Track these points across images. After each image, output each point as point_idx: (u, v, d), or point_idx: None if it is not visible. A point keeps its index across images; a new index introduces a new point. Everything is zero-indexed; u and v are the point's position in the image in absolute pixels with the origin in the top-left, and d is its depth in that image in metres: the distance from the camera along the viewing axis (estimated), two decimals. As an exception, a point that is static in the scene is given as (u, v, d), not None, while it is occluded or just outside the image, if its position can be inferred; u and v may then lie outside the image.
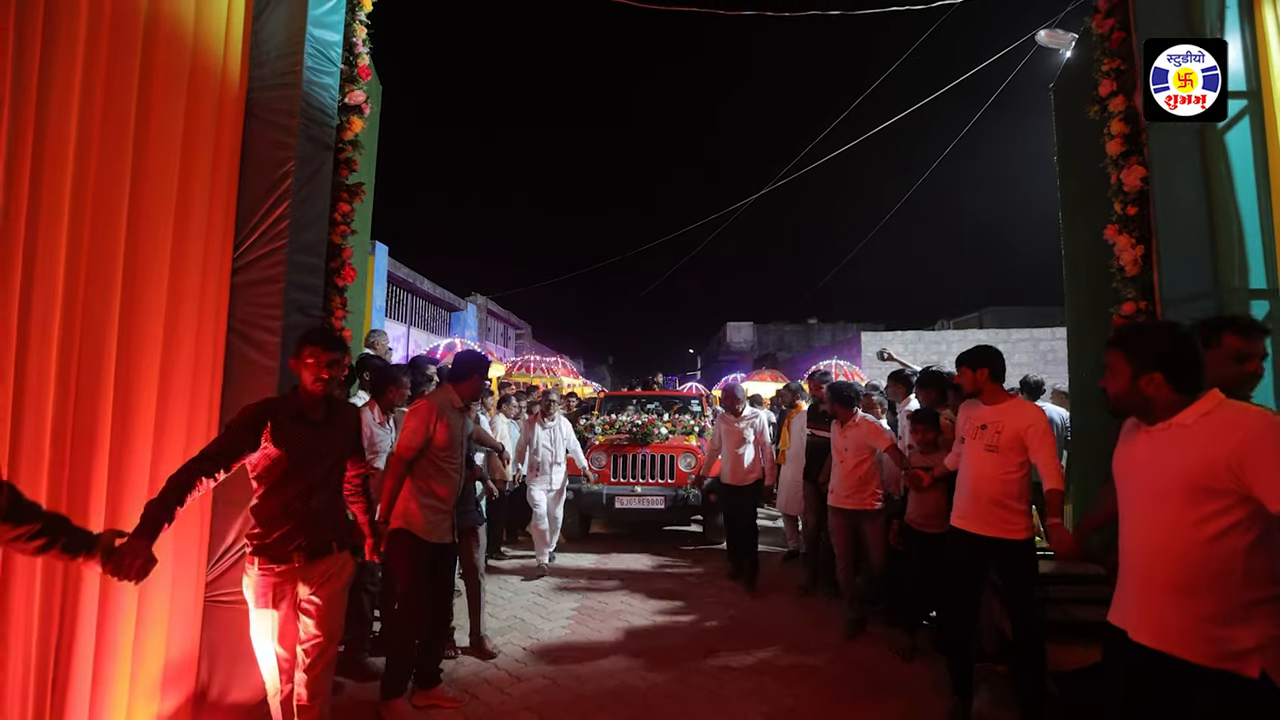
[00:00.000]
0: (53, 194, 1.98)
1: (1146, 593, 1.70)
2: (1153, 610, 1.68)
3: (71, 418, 2.06)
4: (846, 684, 3.32)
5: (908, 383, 5.04)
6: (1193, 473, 1.60)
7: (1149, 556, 1.70)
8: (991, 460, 2.85)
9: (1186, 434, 1.63)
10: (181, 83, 2.45)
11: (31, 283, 1.92)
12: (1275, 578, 1.56)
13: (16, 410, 1.88)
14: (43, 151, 1.95)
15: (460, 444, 3.10)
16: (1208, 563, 1.59)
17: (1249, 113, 2.67)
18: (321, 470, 2.24)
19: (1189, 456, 1.61)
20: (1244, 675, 1.52)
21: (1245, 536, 1.54)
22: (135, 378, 2.28)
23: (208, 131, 2.57)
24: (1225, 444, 1.55)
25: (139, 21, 2.27)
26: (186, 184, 2.47)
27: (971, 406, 3.08)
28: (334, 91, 3.11)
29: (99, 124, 2.13)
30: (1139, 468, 1.74)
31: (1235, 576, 1.56)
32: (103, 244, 2.15)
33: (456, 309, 19.99)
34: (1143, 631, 1.69)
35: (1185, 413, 1.64)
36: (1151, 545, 1.69)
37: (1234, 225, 2.65)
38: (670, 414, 7.72)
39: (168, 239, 2.39)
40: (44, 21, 1.94)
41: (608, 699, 3.11)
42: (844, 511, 4.11)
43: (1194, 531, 1.60)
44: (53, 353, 1.97)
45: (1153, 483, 1.69)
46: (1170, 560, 1.64)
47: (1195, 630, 1.59)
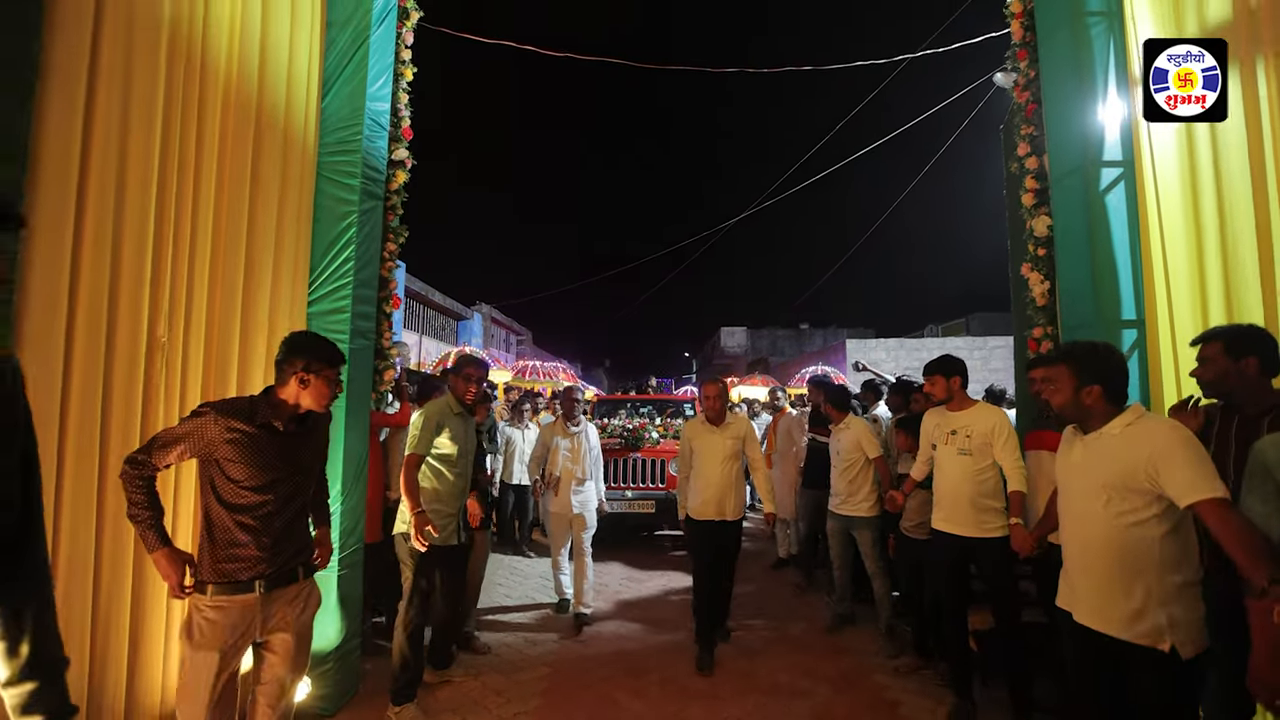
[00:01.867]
0: (200, 243, 2.62)
1: (1082, 579, 1.95)
2: (1088, 595, 1.93)
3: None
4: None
5: (877, 390, 5.67)
6: (1116, 475, 1.83)
7: (1081, 547, 1.95)
8: (965, 463, 3.02)
9: (1113, 442, 1.87)
10: (278, 153, 3.09)
11: (190, 309, 2.55)
12: (1185, 566, 1.80)
13: (168, 407, 2.51)
14: (196, 211, 2.59)
15: (462, 448, 3.19)
16: (1127, 551, 1.82)
17: (1124, 178, 3.32)
18: (288, 485, 1.99)
19: (1114, 461, 1.85)
20: (1158, 649, 1.77)
21: (1159, 528, 1.79)
22: (249, 387, 2.91)
23: (293, 191, 3.21)
24: (1143, 451, 1.78)
25: (250, 111, 2.92)
26: (280, 233, 3.11)
27: (939, 414, 3.23)
28: (384, 151, 3.74)
29: (228, 191, 2.78)
30: (1074, 470, 1.99)
31: (1152, 564, 1.79)
32: (231, 280, 2.80)
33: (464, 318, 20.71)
34: (1082, 614, 1.94)
35: (1113, 423, 1.89)
36: (1083, 537, 1.94)
37: (1112, 268, 3.30)
38: (662, 418, 7.85)
39: (268, 276, 3.03)
40: (198, 118, 2.58)
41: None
42: (838, 516, 4.13)
43: (1117, 523, 1.84)
44: (199, 367, 2.61)
45: (1085, 483, 1.93)
46: (1098, 549, 1.89)
47: (1121, 612, 1.83)
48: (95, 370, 2.11)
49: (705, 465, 3.81)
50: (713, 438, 3.83)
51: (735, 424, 3.86)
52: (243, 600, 1.87)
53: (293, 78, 3.21)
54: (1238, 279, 2.75)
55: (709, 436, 3.84)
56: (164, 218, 2.41)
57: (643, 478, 6.44)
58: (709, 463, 3.79)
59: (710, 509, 3.77)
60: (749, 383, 14.28)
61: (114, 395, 2.18)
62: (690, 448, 3.91)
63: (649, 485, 6.41)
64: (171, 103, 2.44)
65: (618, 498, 6.21)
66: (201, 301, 2.63)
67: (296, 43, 3.24)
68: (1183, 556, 1.80)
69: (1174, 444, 1.74)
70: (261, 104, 2.98)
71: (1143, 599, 1.79)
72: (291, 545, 2.02)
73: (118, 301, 2.20)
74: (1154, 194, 3.16)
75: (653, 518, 6.32)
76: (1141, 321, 3.23)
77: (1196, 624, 1.79)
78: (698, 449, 3.86)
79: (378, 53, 3.62)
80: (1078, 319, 3.44)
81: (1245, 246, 2.71)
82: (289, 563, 2.00)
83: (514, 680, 3.49)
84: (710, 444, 3.82)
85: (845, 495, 4.06)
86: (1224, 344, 2.10)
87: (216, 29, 2.70)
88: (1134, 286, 3.27)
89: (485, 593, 4.43)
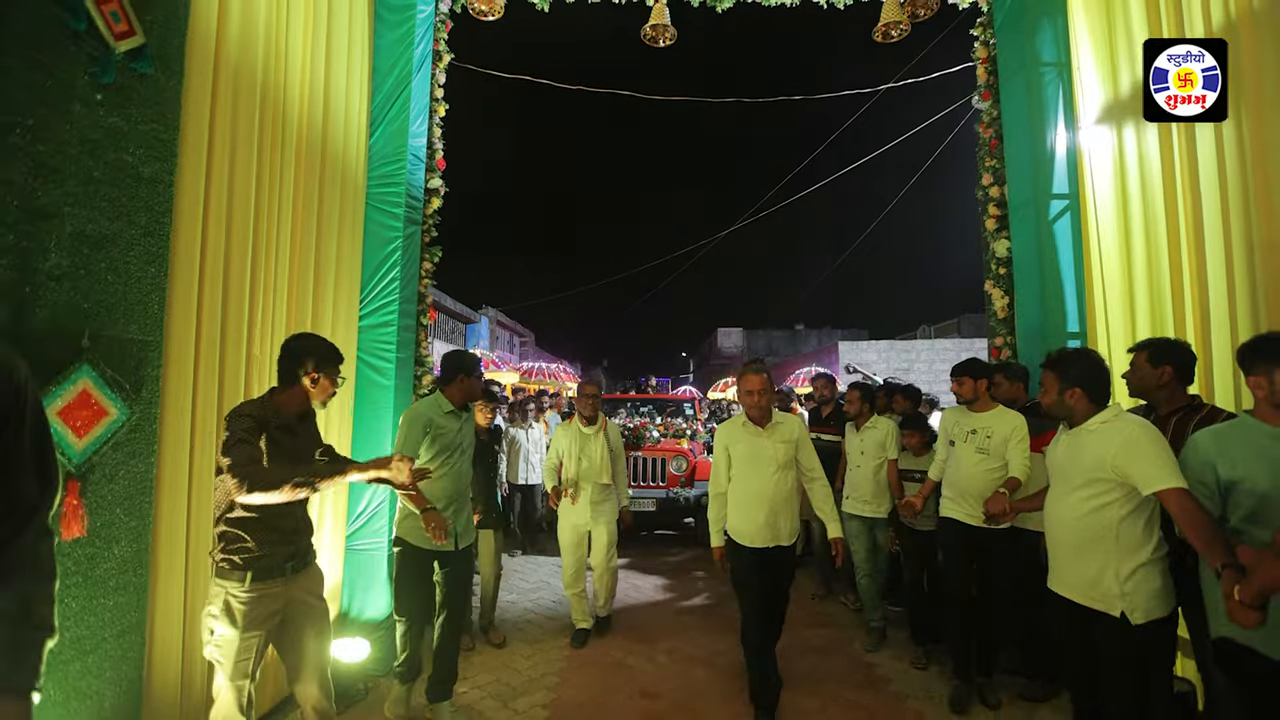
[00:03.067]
0: (281, 269, 3.08)
1: (1056, 554, 2.24)
2: (1059, 567, 2.23)
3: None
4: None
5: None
6: (1090, 465, 2.09)
7: (1056, 525, 2.24)
8: (981, 461, 3.16)
9: (1092, 437, 2.12)
10: (337, 188, 3.57)
11: (274, 327, 3.02)
12: (1142, 546, 2.04)
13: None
14: (279, 244, 3.05)
15: (455, 449, 3.07)
16: (1090, 530, 2.10)
17: (1070, 209, 3.82)
18: None
19: (1090, 453, 2.10)
20: (1110, 614, 2.05)
21: (1119, 512, 2.05)
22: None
23: (348, 221, 3.69)
24: (1113, 444, 2.03)
25: (317, 154, 3.39)
26: (339, 258, 3.59)
27: (960, 412, 3.35)
28: (421, 180, 4.22)
29: (300, 223, 3.25)
30: (1060, 461, 2.27)
31: (1110, 542, 2.06)
32: (303, 301, 3.27)
33: (472, 321, 21.24)
34: (1055, 583, 2.24)
35: (1093, 420, 2.14)
36: (1057, 517, 2.24)
37: (1059, 287, 3.80)
38: (663, 418, 8.01)
39: (330, 296, 3.50)
40: (280, 165, 3.05)
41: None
42: (863, 518, 4.03)
43: (1083, 506, 2.11)
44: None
45: (1065, 471, 2.21)
46: (1067, 527, 2.17)
47: (1081, 581, 2.12)
48: (212, 384, 2.58)
49: (752, 478, 3.04)
50: (759, 442, 3.06)
51: (785, 425, 3.11)
52: (276, 583, 2.09)
53: (347, 121, 3.69)
54: (1159, 297, 3.25)
55: (754, 441, 3.07)
56: (257, 250, 2.88)
57: (644, 476, 6.50)
58: (757, 474, 3.03)
59: (761, 533, 3.00)
60: None
61: (224, 405, 2.64)
62: (729, 455, 3.14)
63: (650, 484, 6.48)
64: (262, 154, 2.90)
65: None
66: (282, 320, 3.10)
67: (350, 90, 3.71)
68: (1139, 537, 2.05)
69: (1142, 439, 1.99)
70: (326, 148, 3.46)
71: (1099, 570, 2.08)
72: (308, 531, 2.28)
73: (227, 324, 2.67)
74: (1095, 224, 3.67)
75: (654, 516, 6.34)
76: (1083, 332, 3.73)
77: (1149, 595, 2.02)
78: (740, 457, 3.09)
79: (417, 95, 4.09)
80: (1030, 330, 3.95)
81: (1165, 270, 3.21)
82: (309, 547, 2.27)
83: (539, 648, 3.98)
84: (757, 450, 3.05)
85: (871, 496, 4.00)
86: (1148, 354, 2.54)
87: (294, 88, 3.17)
88: (1077, 302, 3.77)
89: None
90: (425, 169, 4.29)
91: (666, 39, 3.72)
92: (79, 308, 1.92)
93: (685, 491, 6.35)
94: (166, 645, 2.30)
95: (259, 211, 2.87)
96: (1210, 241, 2.88)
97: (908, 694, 3.38)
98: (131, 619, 2.11)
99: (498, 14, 3.78)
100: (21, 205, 1.75)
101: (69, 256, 1.89)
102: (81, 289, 1.93)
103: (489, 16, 3.77)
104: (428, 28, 4.22)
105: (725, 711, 3.19)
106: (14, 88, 1.73)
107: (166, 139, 2.25)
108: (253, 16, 2.79)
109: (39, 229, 1.80)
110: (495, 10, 3.74)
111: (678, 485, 6.38)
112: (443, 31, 4.43)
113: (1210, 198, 2.88)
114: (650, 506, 6.28)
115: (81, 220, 1.93)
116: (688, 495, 6.32)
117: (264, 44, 2.88)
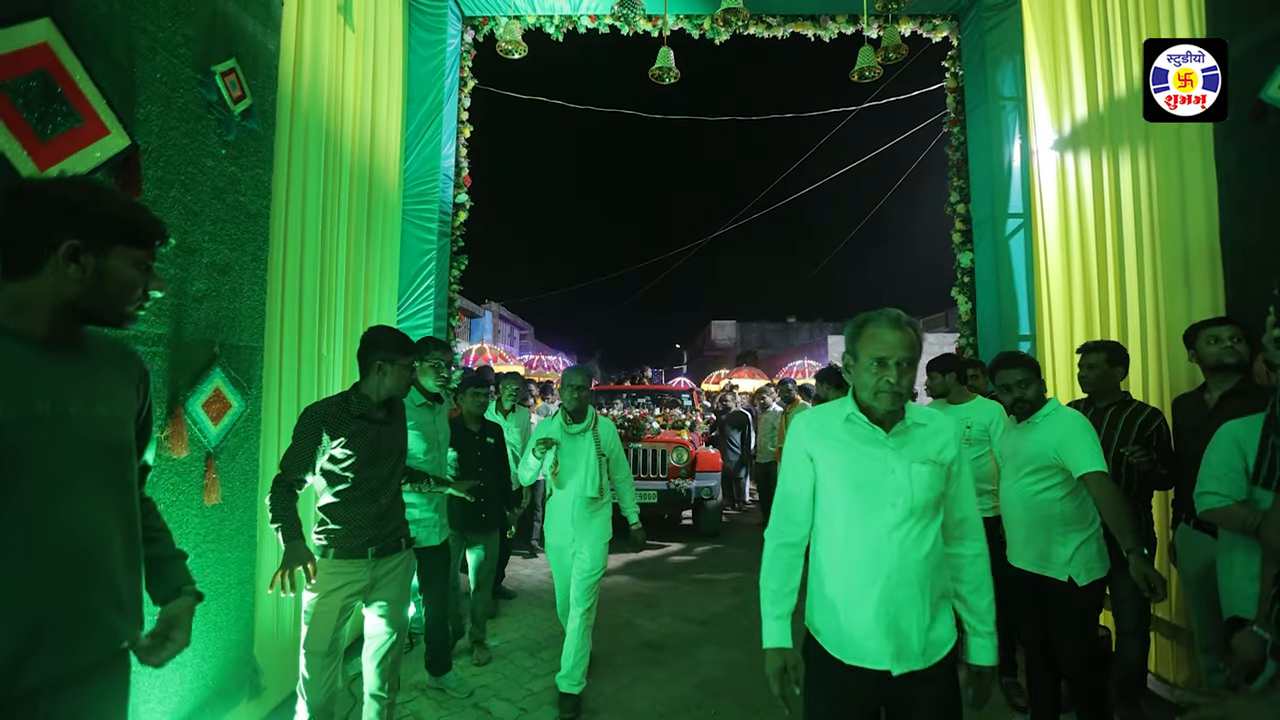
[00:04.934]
0: (340, 279, 3.58)
1: (1013, 532, 2.53)
2: (1014, 543, 2.53)
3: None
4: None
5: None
6: (1035, 454, 2.39)
7: (1010, 507, 2.54)
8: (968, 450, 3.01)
9: (1035, 428, 2.43)
10: (381, 208, 4.06)
11: (331, 327, 3.51)
12: (1080, 522, 2.36)
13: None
14: (337, 257, 3.55)
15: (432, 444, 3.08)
16: (1037, 510, 2.41)
17: (1023, 227, 4.36)
18: (386, 467, 2.30)
19: (1033, 443, 2.41)
20: (1059, 580, 2.36)
21: (1059, 493, 2.36)
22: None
23: (390, 236, 4.19)
24: (1054, 435, 2.34)
25: (366, 178, 3.88)
26: (382, 268, 4.09)
27: (939, 407, 3.48)
28: (450, 197, 4.71)
29: (353, 239, 3.75)
30: (1010, 450, 2.56)
31: (1054, 519, 2.37)
32: (355, 305, 3.77)
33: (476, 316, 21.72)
34: (1017, 559, 2.53)
35: (1037, 414, 2.45)
36: (1012, 500, 2.52)
37: (1013, 295, 4.35)
38: (661, 409, 8.10)
39: (376, 301, 4.01)
40: (338, 192, 3.55)
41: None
42: None
43: (1029, 489, 2.42)
44: (341, 373, 3.58)
45: (1015, 460, 2.50)
46: (1019, 508, 2.48)
47: (1032, 553, 2.44)
48: (293, 379, 3.08)
49: (861, 524, 1.60)
50: (882, 457, 1.62)
51: (936, 427, 1.68)
52: (356, 564, 2.23)
53: (388, 147, 4.18)
54: (1091, 304, 3.79)
55: (874, 455, 1.63)
56: (321, 265, 3.38)
57: (644, 469, 6.44)
58: (869, 519, 1.60)
59: (879, 640, 1.55)
60: (738, 375, 14.91)
61: (301, 397, 3.15)
62: (815, 472, 1.69)
63: (650, 476, 6.44)
64: (324, 184, 3.39)
65: None
66: (340, 324, 3.60)
67: (390, 120, 4.20)
68: (1078, 515, 2.36)
69: (1076, 429, 2.31)
70: (373, 173, 3.95)
71: (1047, 544, 2.39)
72: (393, 519, 2.35)
73: (302, 329, 3.17)
74: (1043, 241, 4.20)
75: (655, 509, 6.28)
76: (1034, 336, 4.28)
77: (1088, 561, 2.34)
78: (844, 480, 1.64)
79: (447, 120, 4.58)
80: (989, 331, 4.50)
81: (1095, 280, 3.75)
82: (393, 535, 2.33)
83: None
84: (876, 473, 1.61)
85: None
86: (1106, 355, 2.92)
87: (348, 123, 3.65)
88: (1029, 308, 4.32)
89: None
90: (453, 185, 4.78)
91: (671, 77, 4.21)
92: (212, 322, 2.42)
93: (686, 483, 6.35)
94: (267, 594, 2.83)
95: (322, 233, 3.37)
96: (1128, 255, 3.42)
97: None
98: (246, 571, 2.63)
99: (522, 52, 4.27)
100: (178, 244, 2.24)
101: (206, 282, 2.39)
102: (214, 307, 2.43)
103: (514, 54, 4.24)
104: (455, 59, 4.70)
105: (720, 658, 3.74)
106: (173, 151, 2.22)
107: (266, 180, 2.75)
108: (320, 69, 3.28)
109: (187, 261, 2.30)
110: (520, 49, 4.22)
111: (678, 477, 6.36)
112: (468, 60, 4.91)
113: (1128, 219, 3.42)
114: (652, 499, 6.28)
115: (213, 253, 2.43)
116: (688, 487, 6.34)
117: (327, 90, 3.37)
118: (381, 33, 4.05)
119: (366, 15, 3.83)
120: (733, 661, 3.69)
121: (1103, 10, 3.62)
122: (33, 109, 1.69)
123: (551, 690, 3.19)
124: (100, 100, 1.89)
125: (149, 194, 2.10)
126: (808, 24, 4.83)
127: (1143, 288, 3.31)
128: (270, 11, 2.76)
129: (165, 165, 2.18)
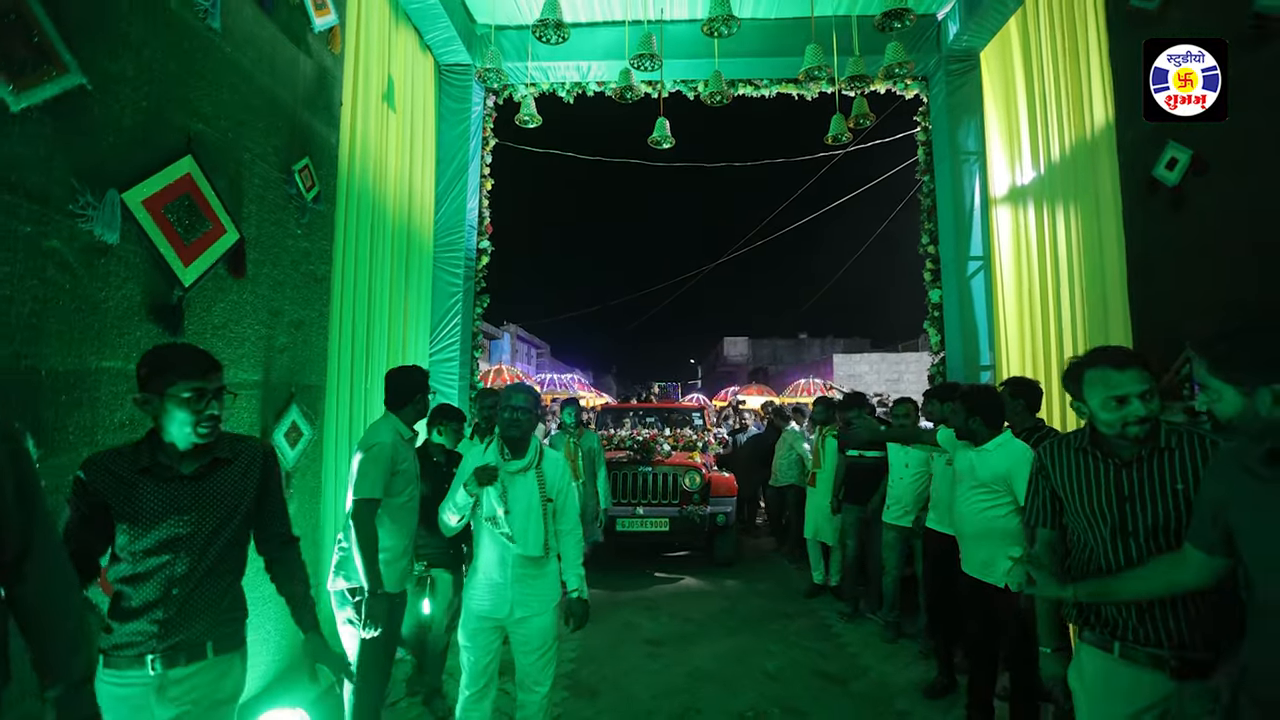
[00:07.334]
0: (383, 321, 4.19)
1: (963, 543, 2.85)
2: (968, 553, 2.82)
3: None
4: None
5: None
6: (986, 478, 2.70)
7: (961, 521, 2.83)
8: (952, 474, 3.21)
9: (989, 455, 2.72)
10: (416, 257, 4.69)
11: (375, 366, 4.12)
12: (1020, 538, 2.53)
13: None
14: (380, 301, 4.17)
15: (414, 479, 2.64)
16: (983, 525, 2.71)
17: (983, 268, 4.87)
18: (185, 539, 1.60)
19: (985, 468, 2.71)
20: (996, 586, 2.66)
21: (1003, 511, 2.66)
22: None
23: (424, 280, 4.82)
24: (1004, 463, 2.64)
25: (404, 233, 4.51)
26: (417, 309, 4.71)
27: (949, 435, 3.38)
28: (474, 243, 5.34)
29: (392, 285, 4.37)
30: (964, 470, 2.83)
31: (997, 534, 2.66)
32: (394, 343, 4.38)
33: (496, 338, 22.43)
34: (967, 566, 2.83)
35: (990, 443, 2.72)
36: (964, 515, 2.83)
37: (974, 329, 4.85)
38: (672, 430, 7.53)
39: (413, 338, 4.62)
40: (382, 247, 4.17)
41: None
42: (903, 529, 4.09)
43: (978, 506, 2.73)
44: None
45: (969, 480, 2.80)
46: (970, 523, 2.78)
47: (981, 563, 2.73)
48: (345, 413, 3.69)
49: None
50: None
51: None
52: (136, 681, 1.58)
53: (422, 204, 4.82)
54: (1039, 341, 4.28)
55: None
56: (370, 312, 4.00)
57: (655, 493, 5.88)
58: None
59: None
60: (748, 392, 15.18)
61: (355, 429, 3.75)
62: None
63: (661, 502, 5.86)
64: (371, 244, 4.02)
65: (626, 514, 5.67)
66: (382, 362, 4.22)
67: (424, 180, 4.85)
68: (1018, 531, 2.60)
69: (1023, 462, 2.54)
70: (410, 228, 4.59)
71: (990, 554, 2.71)
72: (201, 613, 1.66)
73: (355, 368, 3.78)
74: (1000, 281, 4.71)
75: (667, 536, 5.79)
76: (993, 366, 4.78)
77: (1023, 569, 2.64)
78: None
79: (472, 176, 5.22)
80: (956, 363, 5.00)
81: (1039, 318, 4.24)
82: (195, 636, 1.64)
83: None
84: None
85: (913, 507, 4.04)
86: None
87: (389, 189, 4.30)
88: (989, 341, 4.82)
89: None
90: (476, 233, 5.42)
91: (668, 144, 4.83)
92: (291, 368, 3.03)
93: (700, 509, 5.78)
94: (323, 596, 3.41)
95: (370, 285, 4.00)
96: (1064, 299, 3.91)
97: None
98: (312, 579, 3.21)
99: (537, 123, 4.91)
100: (269, 309, 2.86)
101: (287, 336, 3.00)
102: (292, 356, 3.04)
103: (531, 125, 4.89)
104: (479, 122, 5.36)
105: (711, 650, 4.25)
106: (266, 238, 2.85)
107: (329, 249, 3.38)
108: (368, 148, 3.92)
109: (274, 321, 2.92)
110: (535, 120, 4.86)
111: (691, 503, 5.81)
112: (489, 122, 5.57)
113: (1064, 267, 3.92)
114: (663, 526, 5.74)
115: (291, 313, 3.04)
116: (702, 513, 5.77)
117: (374, 164, 4.01)
118: (418, 106, 4.71)
119: (404, 94, 4.49)
120: (722, 654, 4.19)
121: (1041, 85, 4.16)
122: (181, 222, 2.31)
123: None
124: (220, 207, 2.52)
125: (250, 272, 2.72)
126: (790, 85, 5.41)
127: (1075, 328, 3.80)
128: (333, 113, 3.41)
129: (260, 249, 2.81)
